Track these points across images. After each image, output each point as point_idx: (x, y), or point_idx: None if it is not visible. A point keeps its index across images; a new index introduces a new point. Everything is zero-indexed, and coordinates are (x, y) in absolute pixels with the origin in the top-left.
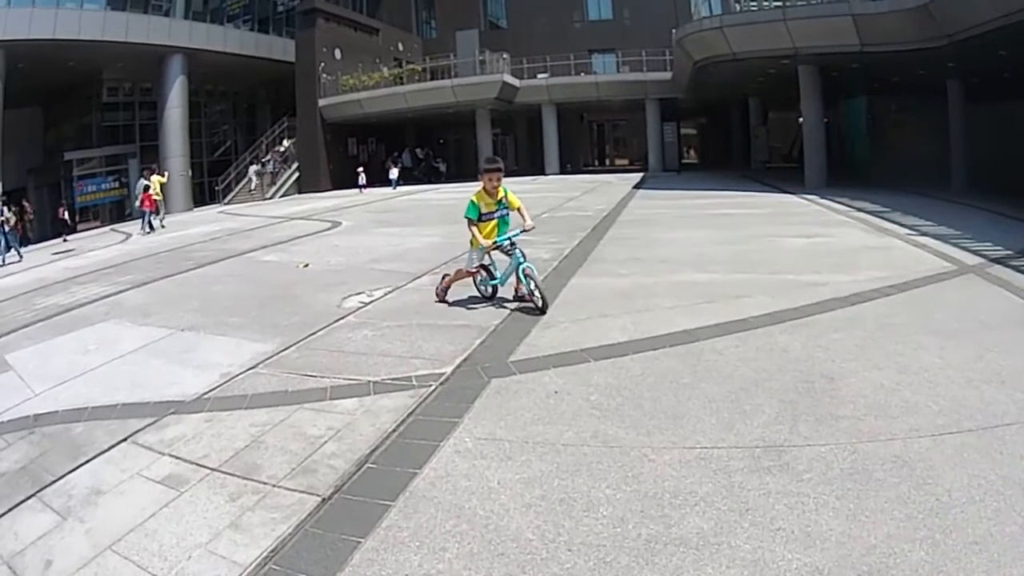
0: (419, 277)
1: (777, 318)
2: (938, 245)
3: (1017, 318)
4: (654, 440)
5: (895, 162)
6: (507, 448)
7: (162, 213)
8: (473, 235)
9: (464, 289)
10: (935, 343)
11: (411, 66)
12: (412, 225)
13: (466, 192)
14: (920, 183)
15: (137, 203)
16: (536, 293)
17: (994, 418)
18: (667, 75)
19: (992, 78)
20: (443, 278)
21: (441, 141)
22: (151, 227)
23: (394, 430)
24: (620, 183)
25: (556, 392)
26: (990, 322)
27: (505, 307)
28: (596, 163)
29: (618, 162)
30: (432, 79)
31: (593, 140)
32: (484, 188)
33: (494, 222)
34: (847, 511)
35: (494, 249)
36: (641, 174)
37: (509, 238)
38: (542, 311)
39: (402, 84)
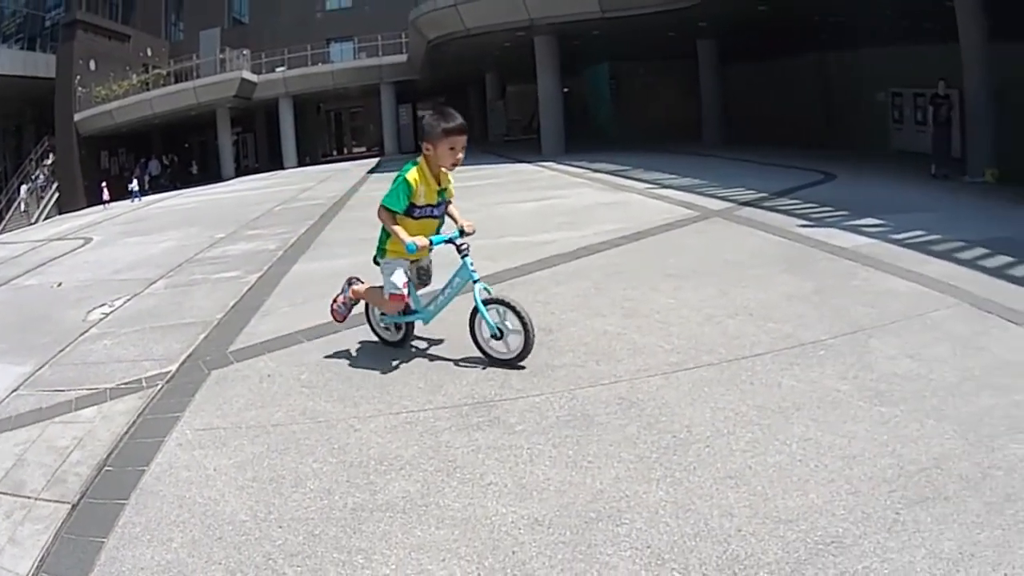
0: (154, 283)
1: (496, 279)
2: (681, 195)
3: (768, 253)
4: (361, 411)
5: (644, 124)
6: (222, 435)
7: None
8: (395, 235)
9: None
10: (670, 285)
11: (157, 71)
12: (152, 233)
13: (210, 195)
14: (672, 142)
15: None
16: (509, 328)
17: (742, 350)
18: (403, 58)
19: (749, 36)
20: (345, 292)
21: (186, 145)
22: None
23: (126, 432)
24: (356, 170)
25: (269, 376)
26: (736, 260)
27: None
28: (335, 153)
29: (356, 150)
30: (177, 82)
31: (331, 130)
32: (427, 165)
33: (427, 222)
34: (566, 459)
35: (423, 253)
36: (378, 159)
37: (451, 238)
38: (520, 357)
39: (148, 90)
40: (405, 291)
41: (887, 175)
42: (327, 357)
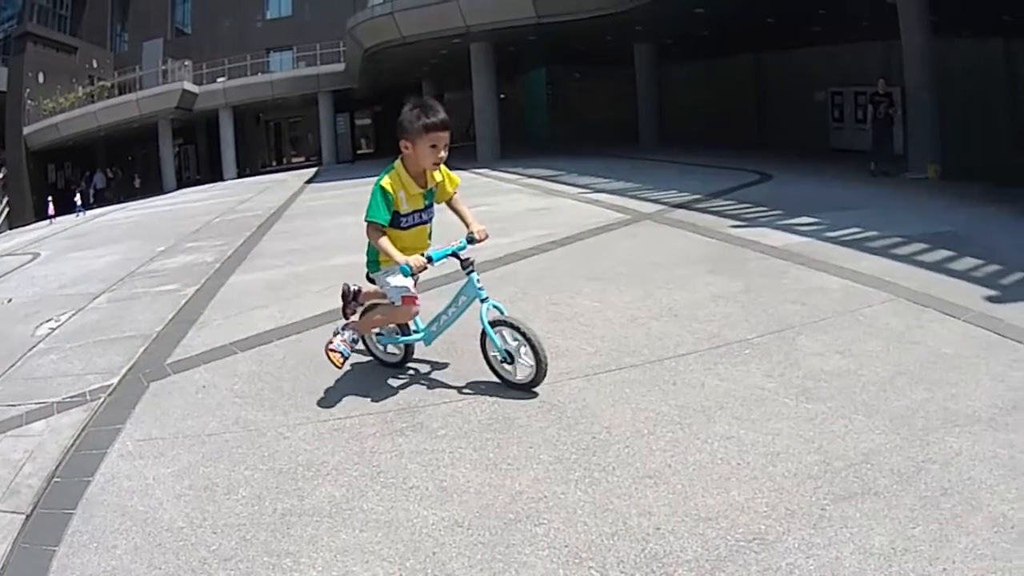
0: (98, 297)
1: (421, 288)
2: (613, 199)
3: (697, 254)
4: (290, 419)
5: (581, 128)
6: (160, 445)
7: None
8: (385, 252)
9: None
10: (596, 288)
11: (102, 83)
12: (97, 247)
13: (151, 209)
14: (608, 146)
15: None
16: (524, 351)
17: (666, 351)
18: (340, 67)
19: (686, 39)
20: (344, 332)
21: (130, 158)
22: None
23: (72, 444)
24: (293, 180)
25: (204, 387)
26: (665, 262)
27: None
28: (274, 163)
29: (295, 160)
30: (121, 94)
31: (270, 140)
32: (405, 167)
33: (419, 230)
34: (486, 462)
35: (422, 270)
36: (315, 169)
37: (455, 251)
38: (532, 383)
39: (94, 102)
40: (415, 290)
41: (825, 174)
42: (259, 367)
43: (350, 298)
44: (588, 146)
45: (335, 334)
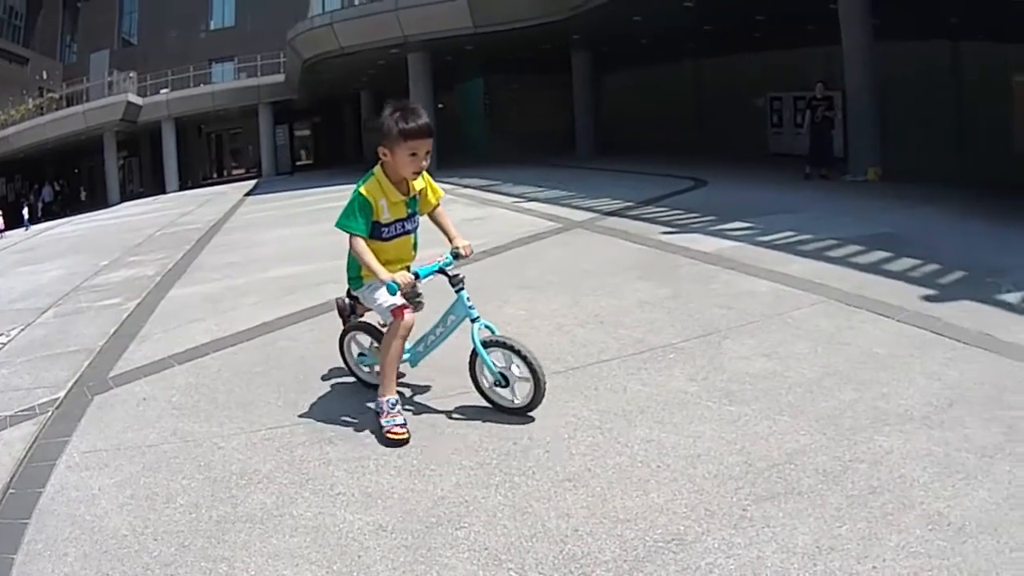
0: (45, 311)
1: None
2: (546, 208)
3: (626, 261)
4: (225, 429)
5: (518, 138)
6: (104, 457)
7: None
8: (369, 267)
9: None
10: (523, 297)
11: (50, 95)
12: (44, 262)
13: (96, 222)
14: (546, 155)
15: None
16: (520, 372)
17: (590, 357)
18: (280, 78)
19: (624, 46)
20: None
21: (76, 171)
22: None
23: (24, 456)
24: (233, 192)
25: (144, 399)
26: (594, 269)
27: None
28: (215, 175)
29: (235, 171)
30: (68, 106)
31: (212, 152)
32: (385, 174)
33: (403, 241)
34: (410, 468)
35: (410, 288)
36: (255, 181)
37: (442, 267)
38: (529, 406)
39: (43, 114)
40: (402, 299)
41: (762, 179)
42: (196, 380)
43: (347, 313)
44: (526, 155)
45: (378, 415)
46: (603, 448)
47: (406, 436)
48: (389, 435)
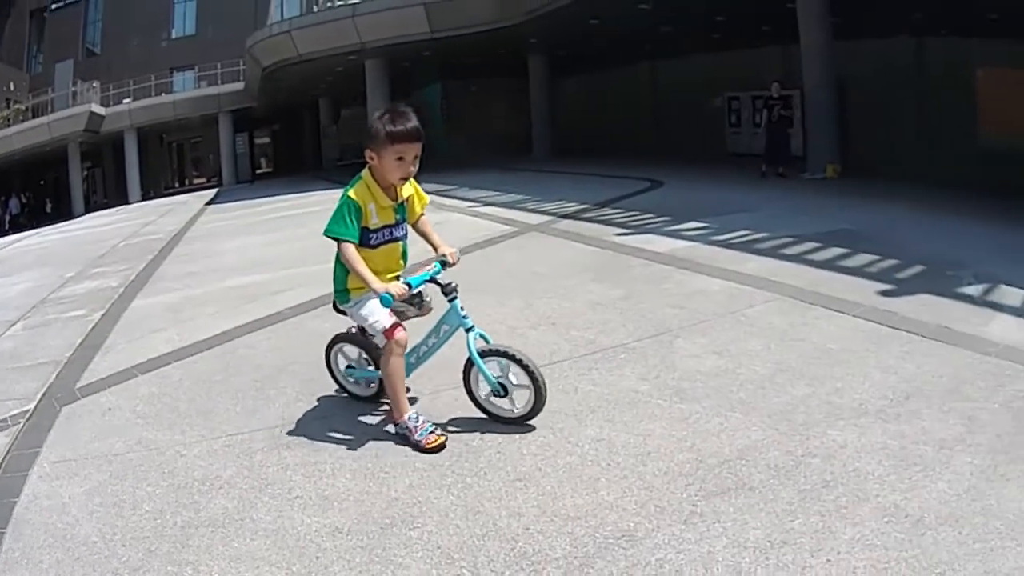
0: (14, 324)
1: (311, 306)
2: (501, 212)
3: (579, 263)
4: (187, 437)
5: (476, 142)
6: (73, 467)
7: None
8: (361, 277)
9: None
10: (475, 301)
11: (17, 106)
12: (12, 275)
13: (61, 234)
14: (503, 159)
15: None
16: (518, 381)
17: (541, 359)
18: (240, 86)
19: (580, 49)
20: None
21: (42, 182)
22: None
23: None
24: (195, 201)
25: (110, 409)
26: (546, 272)
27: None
28: (177, 184)
29: (196, 180)
30: (34, 117)
31: (173, 161)
32: (374, 176)
33: (391, 248)
34: (365, 471)
35: (404, 299)
36: (216, 190)
37: (433, 276)
38: (529, 415)
39: (9, 126)
40: (393, 317)
41: (719, 179)
42: (158, 389)
43: (359, 333)
44: (483, 159)
45: (405, 437)
46: (554, 448)
47: (444, 439)
48: (428, 446)
